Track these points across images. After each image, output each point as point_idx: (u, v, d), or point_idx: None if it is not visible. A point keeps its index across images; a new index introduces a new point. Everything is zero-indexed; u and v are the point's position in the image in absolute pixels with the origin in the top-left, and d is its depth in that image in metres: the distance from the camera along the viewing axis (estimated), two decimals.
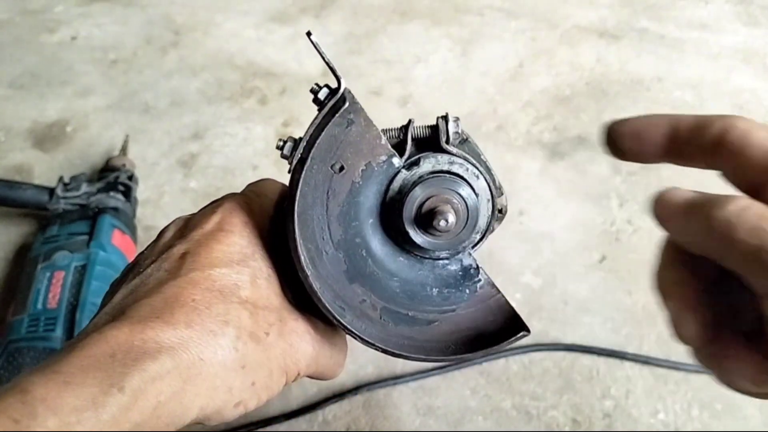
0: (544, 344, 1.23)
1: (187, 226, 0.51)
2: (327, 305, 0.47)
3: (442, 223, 0.45)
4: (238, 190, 0.55)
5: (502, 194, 0.51)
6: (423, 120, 0.52)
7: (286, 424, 1.13)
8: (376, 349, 0.48)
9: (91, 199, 1.36)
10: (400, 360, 0.57)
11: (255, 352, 0.45)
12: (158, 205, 1.50)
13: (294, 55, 1.88)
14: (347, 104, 0.47)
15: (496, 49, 1.91)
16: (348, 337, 0.56)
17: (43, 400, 0.35)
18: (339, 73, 0.47)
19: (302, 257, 0.46)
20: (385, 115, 1.69)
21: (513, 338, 0.49)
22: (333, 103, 0.47)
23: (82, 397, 0.36)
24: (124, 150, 1.56)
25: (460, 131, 0.50)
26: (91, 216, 1.32)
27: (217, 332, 0.43)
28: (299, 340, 0.49)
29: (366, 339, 0.48)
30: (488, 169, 0.51)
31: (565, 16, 2.01)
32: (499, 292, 0.51)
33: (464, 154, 0.50)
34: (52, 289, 1.16)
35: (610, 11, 2.03)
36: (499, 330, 0.50)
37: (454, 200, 0.47)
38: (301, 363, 0.49)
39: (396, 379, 1.17)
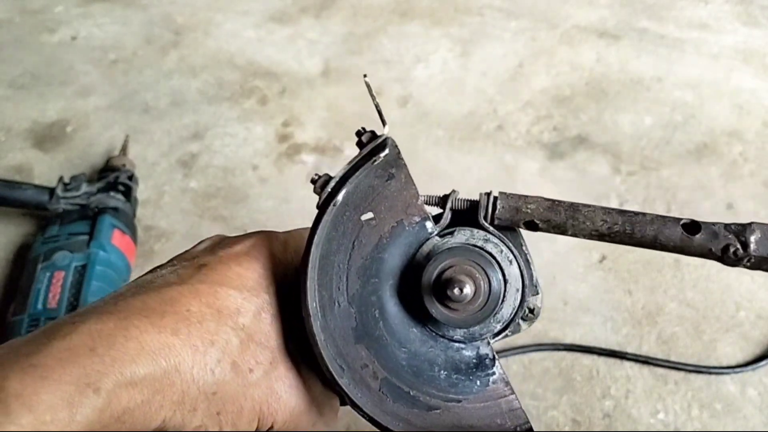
0: (544, 344, 1.23)
1: (219, 243, 0.50)
2: (326, 359, 0.44)
3: (456, 291, 0.43)
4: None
5: (537, 293, 0.48)
6: (424, 121, 0.52)
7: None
8: (367, 420, 0.45)
9: (91, 199, 1.36)
10: None
11: (232, 382, 0.43)
12: (158, 205, 1.50)
13: (294, 55, 1.88)
14: (387, 152, 0.46)
15: (496, 49, 1.91)
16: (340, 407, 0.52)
17: (18, 397, 0.34)
18: (385, 118, 0.47)
19: (310, 300, 0.44)
20: (385, 115, 1.69)
21: None
22: (373, 147, 0.46)
23: (58, 395, 0.35)
24: (124, 150, 1.56)
25: (502, 207, 0.47)
26: (91, 216, 1.32)
27: (200, 349, 0.42)
28: (285, 391, 0.46)
29: (357, 404, 0.45)
30: (527, 262, 0.49)
31: (565, 16, 2.02)
32: (513, 392, 0.47)
33: (501, 235, 0.48)
34: (52, 289, 1.17)
35: (610, 11, 2.03)
36: None
37: (477, 275, 0.45)
38: (278, 415, 0.46)
39: None
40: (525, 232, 0.50)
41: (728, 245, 0.44)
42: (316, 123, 1.68)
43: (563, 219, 0.47)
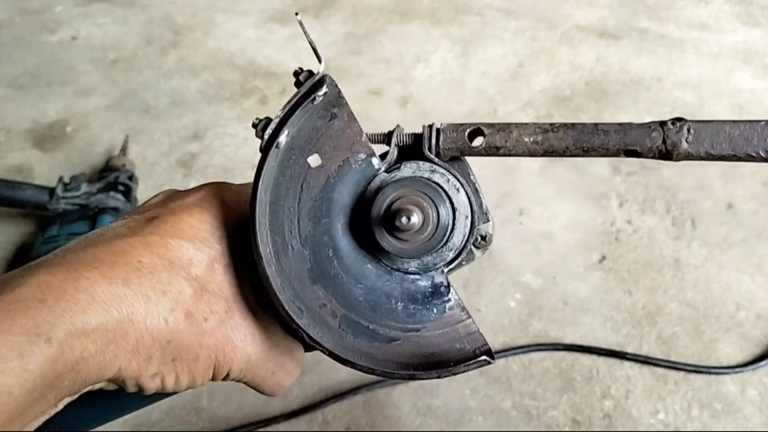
0: (544, 344, 1.23)
1: (171, 196, 0.50)
2: (282, 301, 0.44)
3: (404, 220, 0.43)
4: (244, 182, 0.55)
5: (488, 221, 0.48)
6: (424, 121, 0.52)
7: (286, 424, 1.13)
8: (328, 355, 0.45)
9: (91, 199, 1.36)
10: None
11: (186, 331, 0.43)
12: None
13: (294, 55, 1.88)
14: (326, 90, 0.46)
15: (496, 49, 1.91)
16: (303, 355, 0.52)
17: None
18: (320, 55, 0.46)
19: (261, 245, 0.44)
20: (385, 115, 1.69)
21: (473, 362, 0.45)
22: (311, 85, 0.46)
23: (7, 346, 0.35)
24: (124, 150, 1.56)
25: (445, 142, 0.48)
26: (91, 216, 1.32)
27: (152, 299, 0.41)
28: (241, 340, 0.46)
29: (317, 341, 0.45)
30: (476, 191, 0.48)
31: (565, 16, 2.02)
32: (469, 317, 0.47)
33: (446, 165, 0.48)
34: None
35: (610, 11, 2.03)
36: (464, 359, 0.45)
37: (424, 204, 0.46)
38: (234, 363, 0.46)
39: None
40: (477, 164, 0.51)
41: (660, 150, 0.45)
42: None
43: (502, 139, 0.46)
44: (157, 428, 1.10)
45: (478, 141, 0.46)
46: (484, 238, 0.49)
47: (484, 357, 0.45)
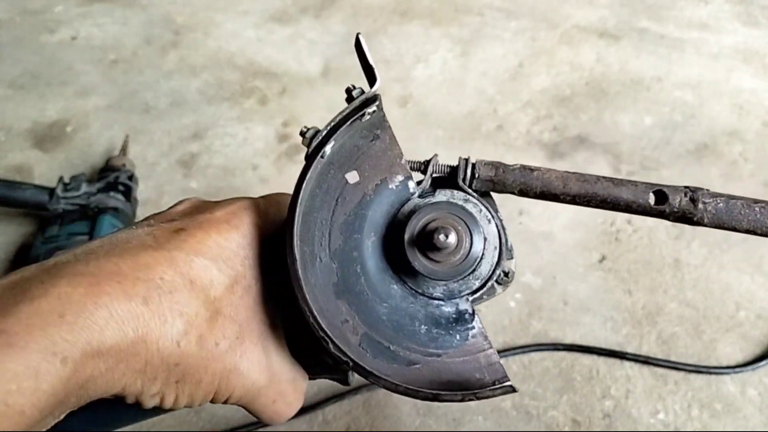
0: (544, 344, 1.23)
1: (199, 207, 0.49)
2: (312, 308, 0.43)
3: (442, 237, 0.44)
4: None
5: (512, 257, 0.49)
6: (424, 121, 0.52)
7: (286, 424, 1.13)
8: (351, 367, 0.44)
9: (91, 199, 1.36)
10: None
11: (195, 355, 0.43)
12: (158, 205, 1.50)
13: (294, 55, 1.88)
14: (374, 109, 0.46)
15: (496, 49, 1.91)
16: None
17: None
18: (377, 74, 0.47)
19: (296, 255, 0.44)
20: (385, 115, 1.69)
21: (499, 387, 0.44)
22: (363, 100, 0.47)
23: (24, 364, 0.34)
24: (124, 150, 1.56)
25: (479, 175, 0.49)
26: (91, 216, 1.32)
27: (168, 320, 0.41)
28: (246, 367, 0.46)
29: (342, 351, 0.43)
30: (503, 226, 0.50)
31: (565, 16, 2.02)
32: (491, 347, 0.47)
33: (479, 197, 0.49)
34: None
35: (610, 11, 2.03)
36: (483, 389, 0.45)
37: (459, 227, 0.46)
38: (236, 391, 0.46)
39: None
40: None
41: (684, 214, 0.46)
42: (316, 123, 1.68)
43: (537, 185, 0.48)
44: (157, 428, 1.10)
45: (510, 178, 0.49)
46: (506, 274, 0.49)
47: (509, 383, 0.44)
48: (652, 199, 0.46)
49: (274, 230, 0.50)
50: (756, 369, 1.19)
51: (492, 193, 0.51)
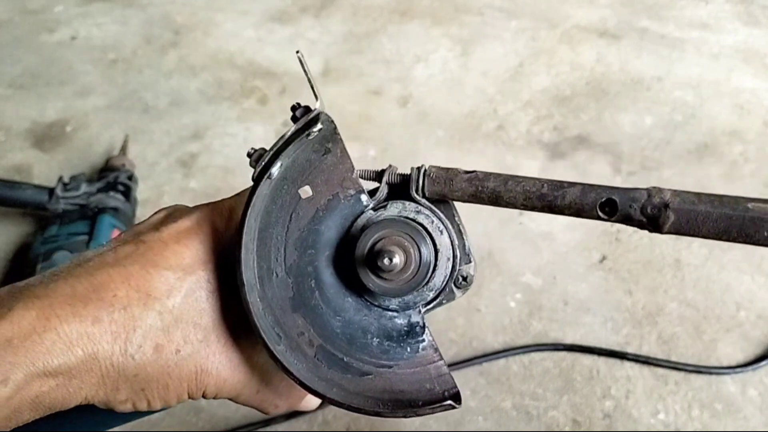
0: (545, 344, 1.23)
1: (170, 215, 0.50)
2: (261, 329, 0.45)
3: (386, 261, 0.44)
4: (239, 191, 0.55)
5: (470, 262, 0.49)
6: (424, 121, 0.52)
7: (286, 424, 1.13)
8: (298, 385, 0.46)
9: (91, 199, 1.36)
10: None
11: (154, 364, 0.44)
12: (158, 205, 1.49)
13: (294, 55, 1.88)
14: (321, 126, 0.47)
15: (496, 49, 1.91)
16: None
17: None
18: (318, 92, 0.48)
19: (244, 270, 0.45)
20: (385, 115, 1.69)
21: (438, 405, 0.46)
22: (306, 122, 0.47)
23: None
24: (123, 150, 1.56)
25: (427, 185, 0.49)
26: (90, 216, 1.31)
27: (121, 336, 0.43)
28: (216, 367, 0.47)
29: (292, 373, 0.46)
30: (459, 232, 0.50)
31: (565, 16, 2.01)
32: (441, 358, 0.49)
33: (432, 207, 0.49)
34: None
35: (611, 11, 2.03)
36: (433, 400, 0.47)
37: (407, 245, 0.46)
38: (208, 388, 0.47)
39: None
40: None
41: (641, 223, 0.45)
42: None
43: (488, 193, 0.48)
44: (157, 428, 1.10)
45: (460, 185, 0.48)
46: (465, 278, 0.50)
47: (449, 402, 0.46)
48: (600, 210, 0.46)
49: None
50: (756, 369, 1.19)
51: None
